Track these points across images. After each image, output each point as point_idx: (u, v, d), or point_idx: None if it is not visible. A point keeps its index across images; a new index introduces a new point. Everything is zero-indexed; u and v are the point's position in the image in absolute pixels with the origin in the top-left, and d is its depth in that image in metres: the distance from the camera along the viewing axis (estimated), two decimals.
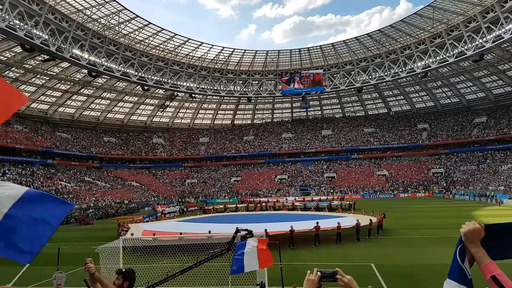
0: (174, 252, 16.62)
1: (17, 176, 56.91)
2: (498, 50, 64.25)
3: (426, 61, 68.44)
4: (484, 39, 57.73)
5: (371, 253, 21.00)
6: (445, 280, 1.99)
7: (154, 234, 22.88)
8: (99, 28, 60.59)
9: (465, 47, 61.24)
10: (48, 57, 56.77)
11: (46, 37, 51.50)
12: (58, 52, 54.03)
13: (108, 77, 70.56)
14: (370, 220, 27.21)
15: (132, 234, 22.99)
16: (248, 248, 7.69)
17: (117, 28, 61.91)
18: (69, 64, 63.14)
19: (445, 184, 72.54)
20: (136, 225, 32.53)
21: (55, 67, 65.68)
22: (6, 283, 16.48)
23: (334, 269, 2.35)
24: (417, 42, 69.97)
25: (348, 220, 28.93)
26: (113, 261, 12.76)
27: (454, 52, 63.46)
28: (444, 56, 65.23)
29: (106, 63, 63.55)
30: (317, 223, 24.27)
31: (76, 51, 57.88)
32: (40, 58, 60.35)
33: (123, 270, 4.49)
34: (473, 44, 59.93)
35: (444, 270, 2.04)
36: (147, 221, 38.32)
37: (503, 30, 54.32)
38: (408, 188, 74.80)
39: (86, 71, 64.17)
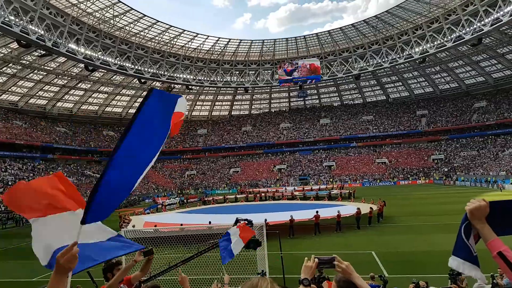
0: (175, 243, 16.71)
1: (18, 172, 56.96)
2: (497, 33, 63.68)
3: (424, 46, 67.97)
4: (482, 22, 57.18)
5: (372, 241, 21.06)
6: (450, 257, 1.98)
7: (155, 226, 22.92)
8: (94, 22, 60.16)
9: (463, 31, 60.72)
10: (44, 52, 56.45)
11: (42, 32, 51.27)
12: (54, 47, 53.66)
13: (105, 71, 70.33)
14: (371, 208, 27.28)
15: (133, 226, 23.04)
16: (233, 240, 7.69)
17: (112, 21, 61.46)
18: (66, 59, 62.98)
19: (445, 171, 72.40)
20: (137, 217, 32.65)
21: (52, 62, 65.45)
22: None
23: (332, 255, 2.35)
24: (414, 28, 69.41)
25: (348, 209, 28.95)
26: None
27: (452, 36, 63.00)
28: (442, 41, 64.78)
29: (102, 57, 63.27)
30: (317, 212, 24.30)
31: (72, 46, 57.58)
32: (36, 54, 60.01)
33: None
34: (471, 28, 59.36)
35: (446, 257, 2.01)
36: (148, 213, 38.47)
37: (501, 12, 53.65)
38: (408, 175, 74.79)
39: (82, 65, 63.85)
